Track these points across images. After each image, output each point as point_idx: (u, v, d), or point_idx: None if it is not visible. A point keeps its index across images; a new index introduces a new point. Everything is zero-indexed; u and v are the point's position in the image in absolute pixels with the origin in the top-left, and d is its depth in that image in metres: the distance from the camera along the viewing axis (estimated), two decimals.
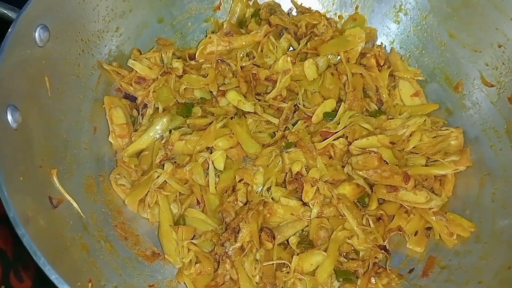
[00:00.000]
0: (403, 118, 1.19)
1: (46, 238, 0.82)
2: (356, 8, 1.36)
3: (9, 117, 0.86)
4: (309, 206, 1.06)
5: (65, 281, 0.72)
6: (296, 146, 1.13)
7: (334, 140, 1.12)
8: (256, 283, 1.00)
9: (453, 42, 1.23)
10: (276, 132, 1.19)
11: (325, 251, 1.00)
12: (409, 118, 1.18)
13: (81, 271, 0.89)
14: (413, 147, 1.14)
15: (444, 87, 1.25)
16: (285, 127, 1.19)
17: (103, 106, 1.15)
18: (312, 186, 1.05)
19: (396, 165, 1.09)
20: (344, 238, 1.01)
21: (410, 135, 1.15)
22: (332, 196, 1.05)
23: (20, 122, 0.88)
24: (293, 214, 1.07)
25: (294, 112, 1.21)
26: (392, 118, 1.18)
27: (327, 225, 1.04)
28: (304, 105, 1.21)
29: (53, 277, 0.71)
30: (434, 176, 1.13)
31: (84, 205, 1.00)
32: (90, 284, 0.86)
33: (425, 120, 1.16)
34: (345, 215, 1.03)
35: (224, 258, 0.98)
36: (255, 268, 0.98)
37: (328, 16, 1.35)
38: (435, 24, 1.26)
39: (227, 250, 0.98)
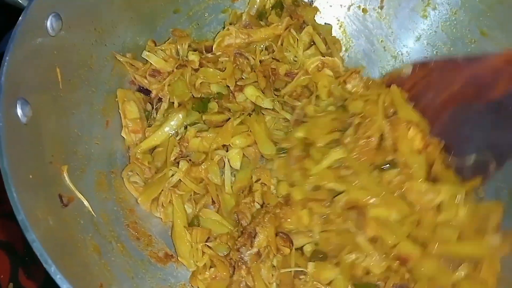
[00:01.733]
0: None
1: (56, 241, 0.78)
2: (382, 1, 1.29)
3: (19, 111, 0.81)
4: None
5: None
6: None
7: None
8: None
9: (484, 40, 1.16)
10: None
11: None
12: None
13: (92, 275, 0.85)
14: None
15: None
16: None
17: (116, 100, 1.10)
18: None
19: None
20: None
21: None
22: None
23: (30, 116, 0.83)
24: None
25: None
26: None
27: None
28: None
29: (64, 286, 0.67)
30: None
31: (95, 203, 0.96)
32: None
33: None
34: None
35: (240, 264, 0.94)
36: (272, 276, 0.94)
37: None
38: (466, 21, 1.19)
39: (243, 256, 0.94)
